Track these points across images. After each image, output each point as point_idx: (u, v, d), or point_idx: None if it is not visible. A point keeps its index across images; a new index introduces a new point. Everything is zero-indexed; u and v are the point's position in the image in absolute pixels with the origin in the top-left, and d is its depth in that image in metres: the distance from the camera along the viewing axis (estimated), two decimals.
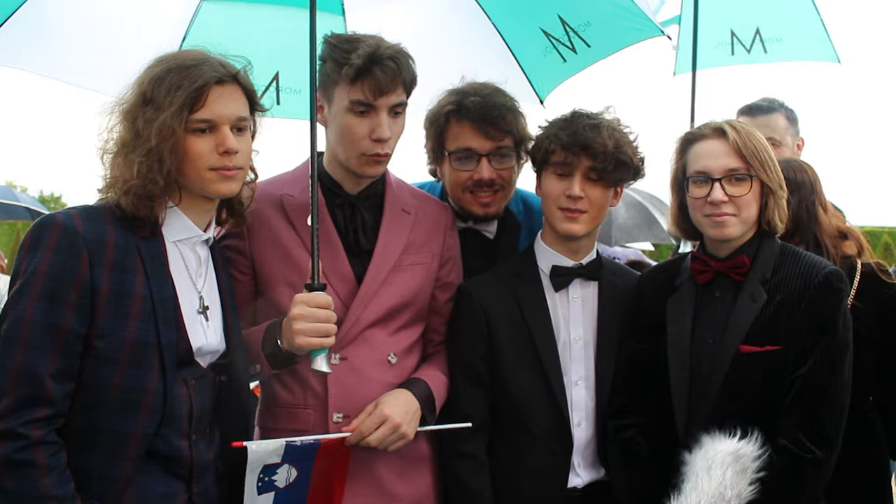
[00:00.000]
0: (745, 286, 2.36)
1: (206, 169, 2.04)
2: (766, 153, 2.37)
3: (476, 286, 2.60)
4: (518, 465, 2.51)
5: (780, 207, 2.39)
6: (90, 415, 1.93)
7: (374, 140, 2.38)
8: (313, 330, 2.23)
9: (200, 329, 2.10)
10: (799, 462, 2.25)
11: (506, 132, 2.67)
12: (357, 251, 2.50)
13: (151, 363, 1.97)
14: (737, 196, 2.33)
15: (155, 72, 2.02)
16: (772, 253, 2.39)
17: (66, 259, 1.88)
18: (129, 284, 1.95)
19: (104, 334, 1.92)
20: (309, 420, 2.41)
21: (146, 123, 1.97)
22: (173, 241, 2.08)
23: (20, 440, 1.82)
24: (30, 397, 1.84)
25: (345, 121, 2.39)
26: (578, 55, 3.18)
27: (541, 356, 2.49)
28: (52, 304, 1.87)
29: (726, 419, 2.23)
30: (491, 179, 2.68)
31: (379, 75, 2.33)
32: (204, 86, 2.00)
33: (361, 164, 2.43)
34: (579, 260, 2.57)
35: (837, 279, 2.33)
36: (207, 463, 2.14)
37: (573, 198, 2.45)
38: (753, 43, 4.18)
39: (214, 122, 2.04)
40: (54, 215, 1.96)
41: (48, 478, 1.83)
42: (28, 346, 1.85)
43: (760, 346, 2.30)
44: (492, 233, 2.86)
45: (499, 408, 2.54)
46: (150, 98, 1.99)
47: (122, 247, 1.96)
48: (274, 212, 2.46)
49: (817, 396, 2.28)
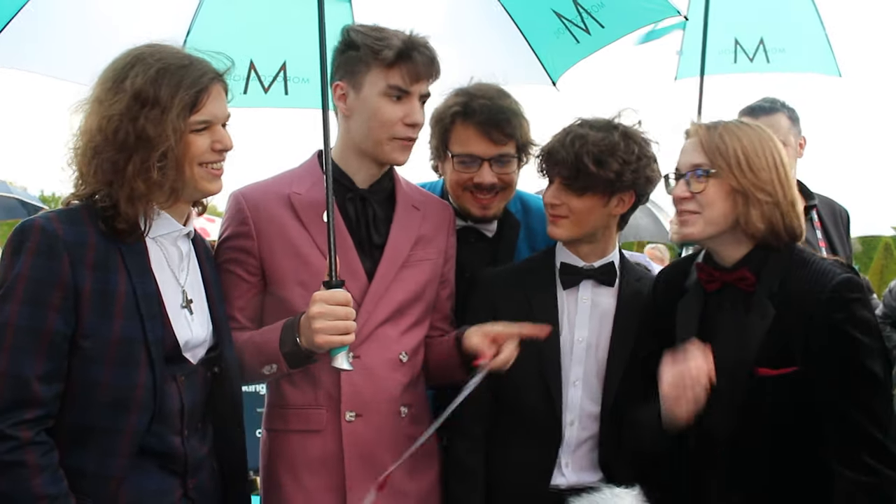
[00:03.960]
0: (753, 301, 2.23)
1: (199, 165, 2.07)
2: (742, 154, 2.23)
3: (491, 277, 2.62)
4: (506, 452, 2.52)
5: (757, 210, 2.23)
6: (81, 414, 1.93)
7: (406, 124, 2.39)
8: (333, 328, 2.20)
9: (185, 323, 2.10)
10: (872, 486, 2.11)
11: (509, 137, 2.68)
12: (368, 247, 2.48)
13: (139, 360, 1.97)
14: (697, 192, 2.24)
15: (147, 72, 2.00)
16: (778, 262, 2.25)
17: (47, 262, 1.89)
18: (111, 283, 1.96)
19: (90, 334, 1.92)
20: (321, 420, 2.39)
21: (153, 125, 1.97)
22: (153, 237, 2.08)
23: (10, 441, 1.82)
24: (18, 400, 1.84)
25: (378, 105, 2.38)
26: (592, 36, 3.13)
27: (541, 352, 2.48)
28: (36, 307, 1.87)
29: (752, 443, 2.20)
30: (492, 184, 2.70)
31: (418, 60, 2.35)
32: (205, 87, 2.03)
33: (392, 149, 2.42)
34: (591, 262, 2.57)
35: (848, 289, 2.15)
36: (201, 458, 2.14)
37: (549, 204, 2.52)
38: (756, 52, 4.20)
39: (212, 122, 2.08)
40: (33, 219, 1.96)
41: (40, 477, 1.84)
42: (13, 350, 1.85)
43: (776, 369, 2.18)
44: (491, 231, 2.86)
45: (497, 395, 2.53)
46: (153, 98, 1.98)
47: (102, 247, 1.97)
48: (283, 210, 2.43)
49: (859, 414, 2.13)
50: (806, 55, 4.30)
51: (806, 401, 2.18)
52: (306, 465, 2.39)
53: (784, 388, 2.19)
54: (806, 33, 4.26)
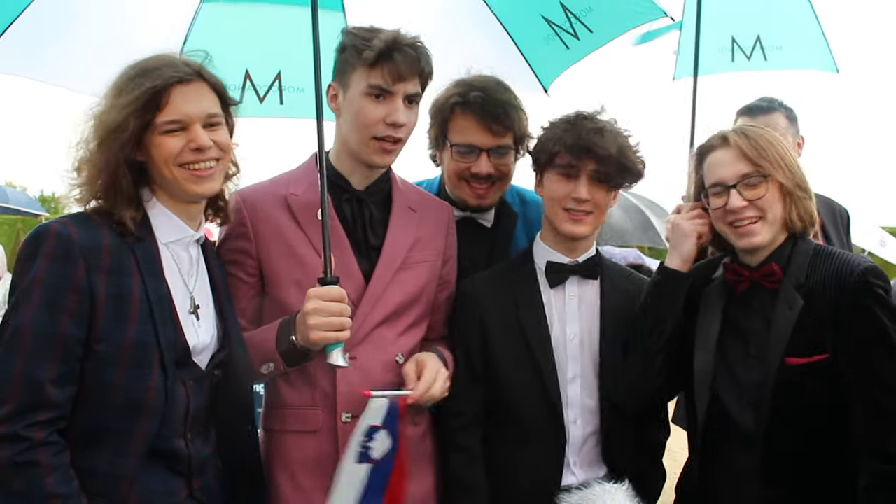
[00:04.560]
0: (781, 293, 2.27)
1: (177, 167, 2.06)
2: (778, 152, 2.32)
3: (473, 284, 2.61)
4: (512, 460, 2.51)
5: (798, 206, 2.32)
6: (94, 415, 1.95)
7: (388, 124, 2.40)
8: (328, 324, 2.22)
9: (193, 329, 2.12)
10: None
11: (508, 128, 2.71)
12: (364, 248, 2.49)
13: (152, 363, 1.99)
14: (755, 199, 2.29)
15: (118, 81, 2.05)
16: (805, 255, 2.30)
17: (62, 267, 1.91)
18: (125, 287, 1.98)
19: (104, 338, 1.94)
20: (318, 420, 2.41)
21: (116, 111, 1.99)
22: (165, 242, 2.10)
23: (23, 442, 1.84)
24: (31, 403, 1.86)
25: (360, 105, 2.39)
26: (581, 41, 3.16)
27: (534, 353, 2.49)
28: (51, 311, 1.89)
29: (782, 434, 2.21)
30: (489, 173, 2.74)
31: (399, 60, 2.36)
32: (165, 86, 2.02)
33: (373, 151, 2.43)
34: (576, 258, 2.58)
35: (874, 275, 2.20)
36: (206, 458, 2.17)
37: (579, 200, 2.46)
38: (754, 50, 4.20)
39: (185, 122, 2.05)
40: (49, 224, 1.98)
41: (52, 476, 1.86)
42: (28, 353, 1.87)
43: (808, 357, 2.21)
44: (489, 221, 2.90)
45: (494, 403, 2.54)
46: (123, 90, 2.01)
47: (116, 251, 1.99)
48: (279, 212, 2.45)
49: (886, 398, 2.15)
50: (803, 52, 4.28)
51: (836, 389, 2.20)
52: (302, 466, 2.40)
53: (814, 377, 2.21)
54: (803, 30, 4.26)
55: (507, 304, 2.54)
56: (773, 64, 4.24)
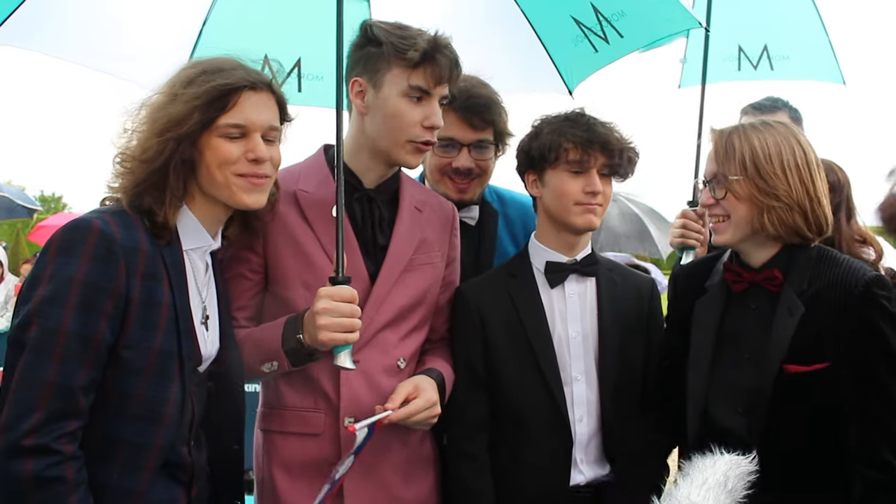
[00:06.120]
0: (782, 298, 2.24)
1: (233, 175, 2.00)
2: (751, 160, 2.21)
3: (471, 288, 2.61)
4: (518, 462, 2.50)
5: (772, 215, 2.22)
6: (111, 426, 1.87)
7: (425, 127, 2.36)
8: (338, 325, 2.16)
9: (202, 338, 2.07)
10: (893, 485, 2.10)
11: (489, 123, 2.76)
12: (372, 249, 2.45)
13: (173, 374, 1.93)
14: (720, 198, 2.29)
15: (188, 73, 1.99)
16: (807, 261, 2.25)
17: (104, 267, 1.81)
18: (156, 294, 1.91)
19: (132, 344, 1.86)
20: (320, 423, 2.36)
21: (181, 103, 1.93)
22: (187, 249, 2.04)
23: (54, 456, 1.74)
24: (63, 411, 1.76)
25: (398, 105, 2.34)
26: (611, 46, 3.08)
27: (537, 354, 2.50)
28: (89, 314, 1.79)
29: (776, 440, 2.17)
30: (469, 168, 2.78)
31: (442, 62, 2.33)
32: (236, 88, 1.97)
33: (407, 152, 2.39)
34: (574, 256, 2.58)
35: (879, 286, 2.17)
36: (202, 466, 2.13)
37: (594, 193, 2.48)
38: (760, 59, 4.20)
39: (246, 129, 2.01)
40: (89, 219, 1.87)
41: (75, 494, 1.76)
42: (64, 358, 1.76)
43: (807, 366, 2.17)
44: (473, 218, 2.90)
45: (499, 407, 2.54)
46: (188, 83, 1.96)
47: (151, 255, 1.91)
48: (289, 208, 2.39)
49: (884, 410, 2.13)
50: (810, 63, 4.29)
51: (833, 397, 2.17)
52: (302, 468, 2.36)
53: (813, 386, 2.17)
54: (810, 41, 4.26)
55: (507, 308, 2.54)
56: (779, 74, 4.24)
